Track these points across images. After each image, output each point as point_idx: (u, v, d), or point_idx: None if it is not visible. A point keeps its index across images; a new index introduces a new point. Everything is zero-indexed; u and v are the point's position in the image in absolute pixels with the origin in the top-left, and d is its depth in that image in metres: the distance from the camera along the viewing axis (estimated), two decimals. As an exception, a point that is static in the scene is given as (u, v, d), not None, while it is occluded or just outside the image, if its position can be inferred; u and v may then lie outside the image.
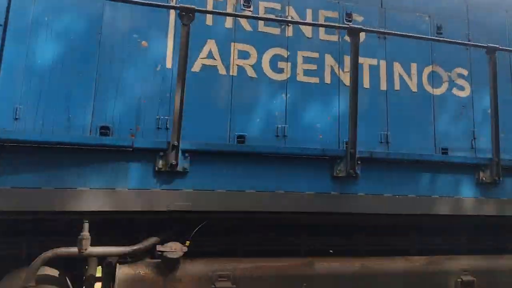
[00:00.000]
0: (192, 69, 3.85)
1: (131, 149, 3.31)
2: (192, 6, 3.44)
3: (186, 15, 3.35)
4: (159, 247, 3.17)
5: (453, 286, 3.79)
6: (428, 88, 4.52)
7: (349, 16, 4.41)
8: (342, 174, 3.68)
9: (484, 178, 4.16)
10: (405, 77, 4.46)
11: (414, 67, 4.52)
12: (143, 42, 3.78)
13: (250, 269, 3.37)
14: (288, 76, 4.11)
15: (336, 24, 4.20)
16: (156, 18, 3.81)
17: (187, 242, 3.26)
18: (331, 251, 4.00)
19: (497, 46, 4.29)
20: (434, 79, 4.56)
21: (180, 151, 3.34)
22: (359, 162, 3.76)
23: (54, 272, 3.25)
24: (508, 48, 4.51)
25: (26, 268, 3.08)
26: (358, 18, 4.45)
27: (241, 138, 3.84)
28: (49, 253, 3.01)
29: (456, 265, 3.93)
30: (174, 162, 3.30)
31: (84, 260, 3.49)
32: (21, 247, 3.50)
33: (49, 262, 3.12)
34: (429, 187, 4.06)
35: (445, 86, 4.58)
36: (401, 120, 4.35)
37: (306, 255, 3.75)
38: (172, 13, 3.88)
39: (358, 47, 3.89)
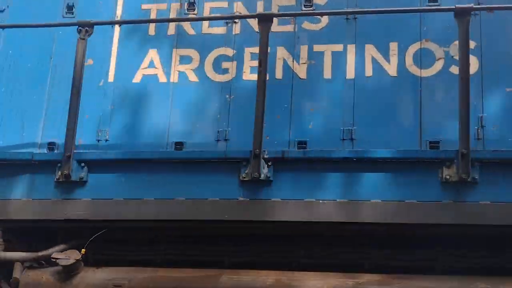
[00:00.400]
0: (133, 81, 3.93)
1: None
2: (88, 21, 3.54)
3: (83, 29, 3.46)
4: (54, 255, 3.30)
5: None
6: (414, 69, 3.70)
7: (308, 0, 3.92)
8: (248, 178, 3.28)
9: (448, 177, 3.20)
10: (381, 60, 3.75)
11: (394, 47, 3.77)
12: (89, 60, 4.00)
13: (148, 278, 3.22)
14: (233, 76, 3.86)
15: (243, 14, 3.85)
16: (100, 36, 4.00)
17: (83, 250, 3.32)
18: None
19: (470, 5, 3.30)
20: (424, 58, 3.72)
21: (75, 162, 3.45)
22: (269, 163, 3.30)
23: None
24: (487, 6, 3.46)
25: None
26: (320, 1, 3.92)
27: (179, 145, 3.74)
28: None
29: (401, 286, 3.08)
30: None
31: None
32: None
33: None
34: (364, 190, 3.33)
35: (439, 65, 3.70)
36: (373, 112, 3.66)
37: (231, 266, 3.43)
38: (117, 29, 4.04)
39: (268, 35, 3.45)
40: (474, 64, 3.64)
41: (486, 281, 3.13)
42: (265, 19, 3.46)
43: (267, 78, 3.71)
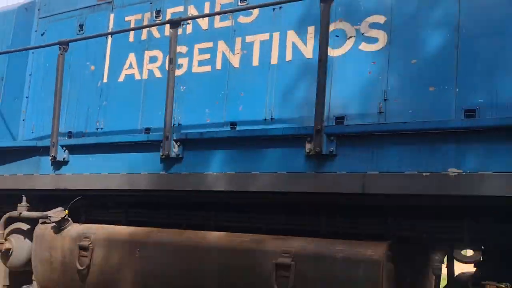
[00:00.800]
0: (119, 80, 4.97)
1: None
2: (65, 40, 4.62)
3: (62, 47, 4.58)
4: (48, 213, 4.56)
5: (269, 267, 3.47)
6: (328, 50, 3.97)
7: (243, -3, 4.41)
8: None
9: (308, 151, 3.47)
10: (299, 44, 4.10)
11: (311, 30, 4.07)
12: (92, 66, 5.16)
13: (107, 233, 4.29)
14: (185, 70, 4.61)
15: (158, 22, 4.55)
16: (99, 46, 5.11)
17: (66, 211, 4.51)
18: None
19: None
20: (336, 38, 3.95)
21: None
22: (178, 144, 3.98)
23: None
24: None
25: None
26: (246, -10, 4.38)
27: (147, 131, 4.68)
28: (6, 216, 4.90)
29: (278, 246, 3.51)
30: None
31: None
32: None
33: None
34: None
35: (349, 44, 3.90)
36: (290, 94, 4.07)
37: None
38: (109, 39, 5.09)
39: (176, 39, 4.07)
40: (382, 38, 3.78)
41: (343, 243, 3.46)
42: (174, 26, 4.11)
43: (210, 69, 4.43)
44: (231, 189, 3.86)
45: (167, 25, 4.69)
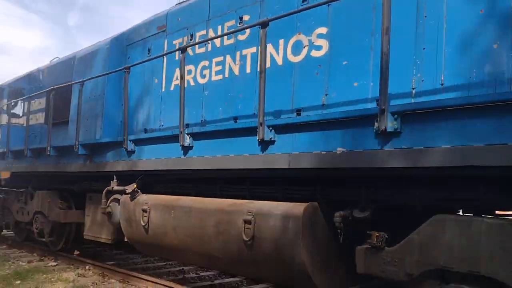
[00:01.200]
0: (170, 89, 6.71)
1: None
2: (128, 65, 6.48)
3: (126, 71, 6.47)
4: (126, 188, 6.50)
5: (241, 221, 4.84)
6: (291, 57, 5.12)
7: (241, 19, 5.74)
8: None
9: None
10: (274, 54, 5.31)
11: (281, 42, 5.24)
12: (155, 79, 7.01)
13: (157, 200, 6.06)
14: (207, 79, 6.13)
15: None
16: (157, 65, 6.93)
17: (135, 185, 6.40)
18: None
19: (267, 19, 4.54)
20: (297, 47, 5.08)
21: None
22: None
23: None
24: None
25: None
26: (246, 17, 5.68)
27: (187, 126, 6.35)
28: (105, 190, 7.03)
29: (246, 208, 4.78)
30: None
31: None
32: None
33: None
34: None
35: (304, 52, 5.00)
36: (269, 93, 5.30)
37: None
38: (164, 58, 6.86)
39: (185, 61, 5.57)
40: (325, 46, 4.82)
41: (283, 205, 4.70)
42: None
43: (221, 78, 5.92)
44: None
45: (196, 46, 6.30)
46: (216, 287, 7.03)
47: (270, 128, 4.82)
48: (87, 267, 8.21)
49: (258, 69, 5.06)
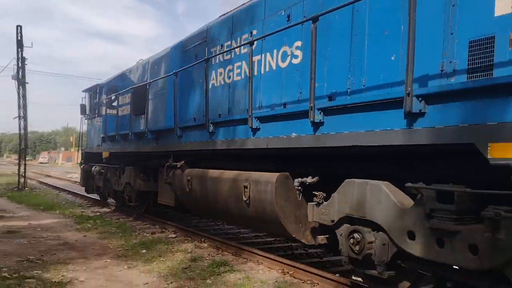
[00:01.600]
0: (209, 86, 8.64)
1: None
2: (176, 71, 8.49)
3: (174, 75, 8.52)
4: (178, 164, 8.58)
5: (242, 186, 6.63)
6: (281, 64, 6.76)
7: (251, 32, 7.46)
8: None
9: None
10: (271, 61, 6.98)
11: (275, 52, 6.89)
12: (200, 79, 9.00)
13: (196, 172, 8.06)
14: (231, 80, 7.96)
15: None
16: (200, 68, 8.89)
17: (183, 162, 8.46)
18: None
19: (253, 39, 6.14)
20: (283, 56, 6.70)
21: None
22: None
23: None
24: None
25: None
26: (255, 31, 7.39)
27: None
28: (166, 164, 9.21)
29: (245, 177, 6.55)
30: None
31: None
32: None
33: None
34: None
35: (288, 60, 6.61)
36: (268, 92, 6.99)
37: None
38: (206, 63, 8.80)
39: (208, 69, 7.41)
40: (300, 55, 6.41)
41: (267, 175, 6.39)
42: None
43: (240, 79, 7.74)
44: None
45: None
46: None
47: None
48: (202, 240, 8.99)
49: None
